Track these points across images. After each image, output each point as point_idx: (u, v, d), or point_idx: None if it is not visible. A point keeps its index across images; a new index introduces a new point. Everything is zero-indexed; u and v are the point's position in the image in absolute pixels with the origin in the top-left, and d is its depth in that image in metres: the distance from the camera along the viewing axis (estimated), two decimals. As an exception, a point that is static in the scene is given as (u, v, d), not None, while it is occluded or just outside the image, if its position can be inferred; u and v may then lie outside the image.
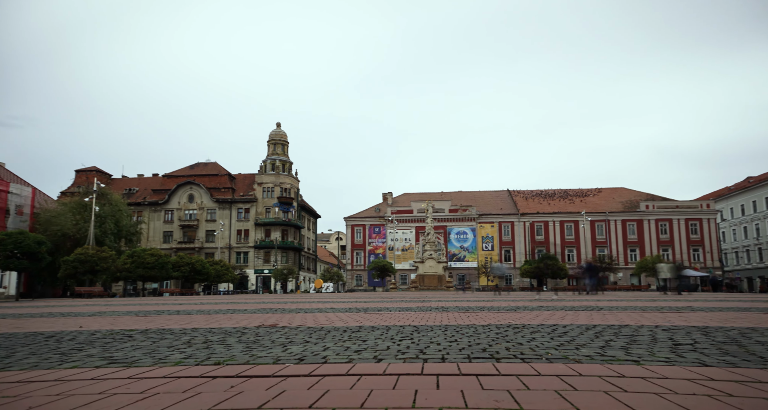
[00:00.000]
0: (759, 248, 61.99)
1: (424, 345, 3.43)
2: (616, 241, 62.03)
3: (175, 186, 65.32)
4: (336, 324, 5.47)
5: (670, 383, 1.99)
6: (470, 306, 9.84)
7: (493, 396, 1.79)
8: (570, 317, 6.34)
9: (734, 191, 66.87)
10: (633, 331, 4.34)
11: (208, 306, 11.87)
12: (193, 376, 2.31)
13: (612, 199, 66.13)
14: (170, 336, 4.41)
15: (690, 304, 10.75)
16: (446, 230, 66.28)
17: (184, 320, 6.69)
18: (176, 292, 47.71)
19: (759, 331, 4.34)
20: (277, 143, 67.02)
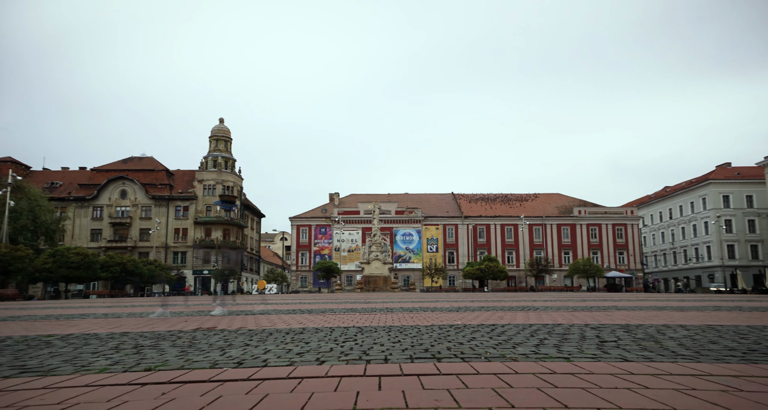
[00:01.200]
0: (674, 252, 67.91)
1: (368, 346, 3.43)
2: (552, 244, 65.48)
3: (106, 181, 61.09)
4: (279, 326, 5.35)
5: (596, 378, 2.12)
6: (414, 307, 9.99)
7: (433, 396, 1.82)
8: (508, 317, 6.60)
9: (654, 199, 72.85)
10: (565, 330, 4.59)
11: (141, 309, 11.19)
12: (120, 384, 2.16)
13: (548, 204, 69.76)
14: (95, 341, 4.10)
15: (615, 304, 11.54)
16: (392, 232, 66.92)
17: (113, 324, 6.26)
18: (105, 294, 44.59)
19: (672, 328, 4.74)
20: (220, 139, 64.52)
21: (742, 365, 2.48)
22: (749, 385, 1.97)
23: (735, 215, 59.61)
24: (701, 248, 62.10)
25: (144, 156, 67.35)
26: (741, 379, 2.09)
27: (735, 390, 1.87)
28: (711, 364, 2.50)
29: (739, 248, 59.06)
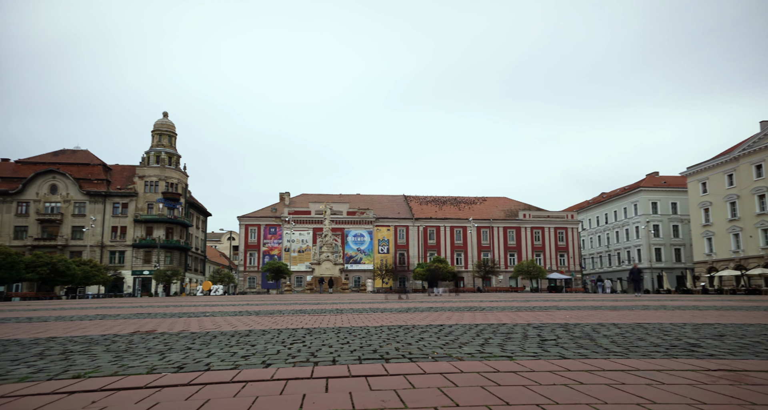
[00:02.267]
0: (608, 254, 72.39)
1: (316, 347, 3.39)
2: (498, 246, 67.79)
3: (33, 174, 56.46)
4: (224, 329, 5.17)
5: (536, 375, 2.21)
6: (364, 308, 9.99)
7: (380, 397, 1.83)
8: (456, 317, 6.76)
9: (592, 205, 77.30)
10: (509, 329, 4.76)
11: (72, 312, 10.43)
12: (43, 393, 2.00)
13: (495, 207, 72.17)
14: (16, 347, 3.78)
15: (556, 304, 12.11)
16: (344, 233, 66.64)
17: (38, 328, 5.79)
18: (30, 296, 41.16)
19: (606, 326, 5.04)
20: (164, 133, 61.44)
21: (665, 360, 2.68)
22: (670, 378, 2.13)
23: (662, 221, 64.41)
24: (633, 251, 66.57)
25: (78, 149, 62.91)
26: (663, 373, 2.26)
27: (658, 384, 2.01)
28: (639, 360, 2.68)
29: (665, 252, 63.86)
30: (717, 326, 5.11)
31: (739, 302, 14.26)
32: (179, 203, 60.64)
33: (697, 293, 41.44)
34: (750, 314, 7.51)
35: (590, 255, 77.25)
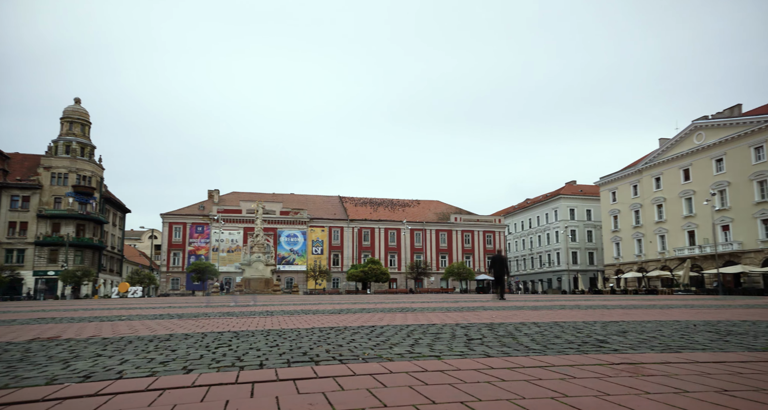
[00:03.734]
0: (532, 257, 77.08)
1: (243, 351, 3.27)
2: (431, 248, 69.66)
3: None
4: (141, 333, 4.82)
5: (462, 374, 2.29)
6: (296, 310, 9.80)
7: (308, 400, 1.79)
8: (388, 318, 6.83)
9: (518, 210, 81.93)
10: (438, 329, 4.89)
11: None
12: None
13: (428, 210, 74.14)
14: None
15: (483, 304, 12.66)
16: (276, 233, 65.05)
17: None
18: None
19: (527, 325, 5.35)
20: (75, 121, 56.12)
21: (577, 355, 2.90)
22: (581, 373, 2.30)
23: (578, 226, 69.72)
24: (552, 254, 71.40)
25: (-32, 133, 55.83)
26: (575, 368, 2.44)
27: (570, 378, 2.17)
28: (555, 356, 2.87)
29: (580, 255, 69.17)
30: (621, 323, 5.61)
31: (640, 301, 15.78)
32: (93, 198, 55.79)
33: (606, 294, 45.31)
34: (647, 312, 8.33)
35: (515, 258, 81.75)
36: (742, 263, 42.15)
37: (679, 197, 49.57)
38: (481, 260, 70.57)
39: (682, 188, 49.41)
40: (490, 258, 20.08)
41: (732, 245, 43.42)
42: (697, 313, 7.89)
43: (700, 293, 39.14)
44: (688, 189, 48.58)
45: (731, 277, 42.75)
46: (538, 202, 75.64)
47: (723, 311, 8.68)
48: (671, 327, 5.11)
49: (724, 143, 45.08)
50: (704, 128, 47.42)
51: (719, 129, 45.85)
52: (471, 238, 71.25)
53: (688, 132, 49.06)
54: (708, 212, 45.12)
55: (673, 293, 40.75)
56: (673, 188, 50.48)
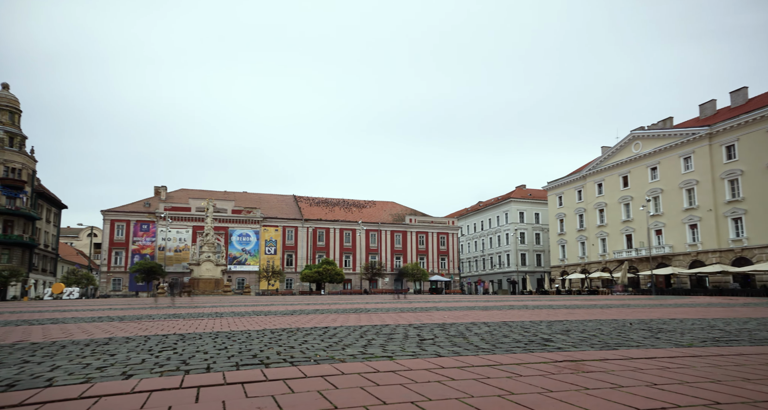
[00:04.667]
0: (483, 259, 79.28)
1: (189, 354, 3.14)
2: (385, 249, 70.01)
3: None
4: (76, 337, 4.52)
5: (413, 373, 2.32)
6: (247, 311, 9.55)
7: (256, 403, 1.75)
8: (341, 319, 6.80)
9: (470, 212, 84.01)
10: (391, 330, 4.92)
11: None
12: None
13: (384, 211, 74.51)
14: None
15: (436, 305, 12.87)
16: (228, 232, 63.14)
17: None
18: None
19: (477, 325, 5.49)
20: (3, 109, 51.88)
21: (523, 354, 3.01)
22: (527, 371, 2.39)
23: (527, 229, 72.46)
24: (503, 256, 73.77)
25: None
26: (521, 366, 2.53)
27: (517, 376, 2.25)
28: (503, 355, 2.97)
29: (529, 257, 71.90)
30: (565, 322, 5.88)
31: (582, 301, 16.62)
32: (24, 192, 51.77)
33: (552, 294, 47.37)
34: (589, 311, 8.78)
35: (467, 259, 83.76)
36: (672, 265, 45.36)
37: (619, 203, 52.67)
38: (435, 260, 71.75)
39: (621, 194, 52.52)
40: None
41: (664, 248, 46.63)
42: (633, 312, 8.42)
43: (635, 293, 41.79)
44: (627, 195, 51.71)
45: (663, 278, 45.91)
46: (490, 205, 77.93)
47: (655, 310, 9.30)
48: (610, 325, 5.41)
49: (657, 152, 48.37)
50: (641, 138, 50.68)
51: (654, 139, 49.16)
52: (425, 239, 72.28)
53: (627, 141, 52.25)
54: (644, 217, 48.25)
55: (612, 293, 43.25)
56: (614, 194, 53.57)
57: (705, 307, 10.57)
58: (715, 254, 42.15)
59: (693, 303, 13.44)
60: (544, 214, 71.57)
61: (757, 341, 3.83)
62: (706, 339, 3.91)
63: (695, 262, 43.87)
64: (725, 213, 41.64)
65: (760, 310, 9.20)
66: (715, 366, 2.54)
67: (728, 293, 35.16)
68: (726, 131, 42.05)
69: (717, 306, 11.05)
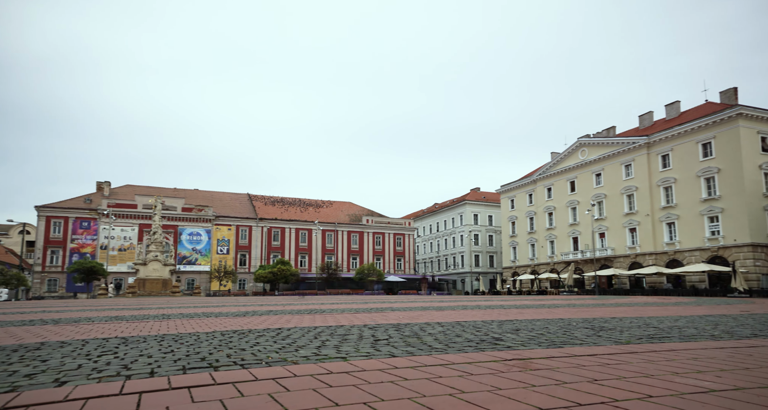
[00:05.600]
0: (438, 259, 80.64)
1: (132, 359, 2.98)
2: (342, 249, 69.71)
3: None
4: (3, 342, 4.18)
5: (367, 374, 2.32)
6: (197, 313, 9.21)
7: (203, 408, 1.69)
8: (295, 320, 6.69)
9: (427, 214, 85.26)
10: (346, 331, 4.90)
11: None
12: None
13: (341, 211, 74.20)
14: None
15: (391, 305, 12.95)
16: (177, 230, 60.69)
17: None
18: None
19: (431, 325, 5.57)
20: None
21: (475, 353, 3.08)
22: (478, 369, 2.45)
23: (481, 231, 74.42)
24: (457, 257, 75.35)
25: None
26: (473, 365, 2.59)
27: (468, 375, 2.30)
28: (455, 354, 3.02)
29: (482, 258, 73.86)
30: (515, 322, 6.09)
31: (532, 301, 17.26)
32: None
33: (504, 294, 48.91)
34: (538, 311, 9.13)
35: (423, 260, 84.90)
36: (614, 266, 48.06)
37: (567, 207, 55.18)
38: (391, 261, 72.20)
39: (568, 199, 55.05)
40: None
41: (607, 250, 49.32)
42: (577, 312, 8.84)
43: (581, 294, 43.92)
44: (574, 199, 54.27)
45: (605, 279, 48.54)
46: (446, 207, 79.42)
47: (597, 309, 9.81)
48: (556, 324, 5.65)
49: (602, 159, 51.12)
50: (587, 145, 53.37)
51: (598, 147, 51.92)
52: (382, 240, 72.60)
53: (574, 148, 54.87)
54: (589, 221, 50.82)
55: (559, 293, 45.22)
56: (562, 198, 56.07)
57: (642, 306, 11.26)
58: (652, 257, 45.03)
59: (631, 303, 14.29)
60: (497, 217, 73.77)
61: (685, 337, 4.12)
62: (642, 337, 4.17)
63: (634, 264, 46.67)
64: (660, 218, 44.60)
65: (689, 309, 9.92)
66: (649, 361, 2.71)
67: (662, 293, 37.69)
68: (661, 142, 45.08)
69: (652, 305, 11.81)
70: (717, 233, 39.80)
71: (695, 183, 41.71)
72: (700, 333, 4.49)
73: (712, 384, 2.07)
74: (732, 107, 39.47)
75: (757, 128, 39.36)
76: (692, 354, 3.03)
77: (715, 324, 5.74)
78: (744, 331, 4.77)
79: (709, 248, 40.20)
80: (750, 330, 4.86)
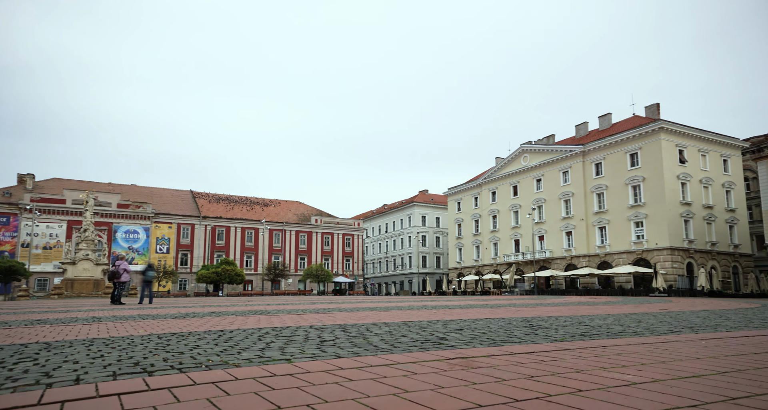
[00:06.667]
0: (387, 260, 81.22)
1: (54, 365, 2.76)
2: (290, 249, 68.45)
3: None
4: None
5: (311, 376, 2.29)
6: (131, 315, 8.68)
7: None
8: (239, 321, 6.49)
9: (376, 215, 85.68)
10: (292, 332, 4.81)
11: None
12: None
13: (289, 211, 72.89)
14: None
15: (339, 306, 12.88)
16: (112, 228, 57.08)
17: None
18: None
19: (378, 325, 5.60)
20: None
21: (420, 352, 3.13)
22: (422, 369, 2.49)
23: (428, 233, 75.81)
24: (405, 258, 76.25)
25: None
26: (417, 364, 2.63)
27: (412, 374, 2.33)
28: (400, 354, 3.06)
29: (429, 259, 75.23)
30: (459, 321, 6.25)
31: (476, 301, 17.81)
32: None
33: (449, 295, 50.09)
34: (481, 311, 9.44)
35: (372, 261, 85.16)
36: (551, 268, 50.64)
37: (509, 210, 57.48)
38: (340, 262, 71.81)
39: (511, 202, 57.38)
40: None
41: (545, 252, 51.89)
42: (517, 311, 9.22)
43: (521, 294, 45.87)
44: (516, 203, 56.63)
45: (544, 279, 51.04)
46: (395, 208, 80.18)
47: (536, 309, 10.29)
48: (497, 323, 5.87)
49: (542, 165, 53.77)
50: (529, 152, 55.93)
51: (539, 154, 54.57)
52: (331, 240, 72.05)
53: (517, 154, 57.32)
54: (530, 224, 53.23)
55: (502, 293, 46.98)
56: (505, 202, 58.33)
57: (575, 306, 11.95)
58: (585, 259, 47.89)
59: (566, 302, 15.12)
60: (445, 218, 75.46)
61: (612, 334, 4.42)
62: (574, 334, 4.42)
63: (569, 265, 49.42)
64: (593, 222, 47.56)
65: (617, 307, 10.65)
66: (580, 357, 2.88)
67: (594, 293, 40.22)
68: (595, 151, 48.11)
69: (585, 305, 12.56)
70: (642, 237, 43.00)
71: (624, 190, 44.85)
72: (625, 330, 4.84)
73: (633, 377, 2.23)
74: (655, 121, 42.87)
75: (676, 141, 42.99)
76: (618, 349, 3.26)
77: (638, 321, 6.20)
78: (662, 328, 5.19)
79: (634, 251, 43.34)
80: (667, 327, 5.30)
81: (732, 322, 6.14)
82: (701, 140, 44.23)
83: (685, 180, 42.55)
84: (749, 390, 1.97)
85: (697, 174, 43.35)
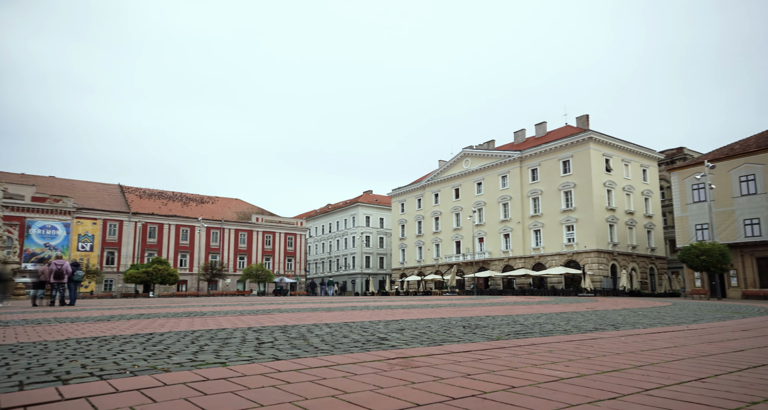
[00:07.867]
0: (330, 260, 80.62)
1: (-50, 377, 2.45)
2: (228, 248, 65.99)
3: None
4: None
5: (247, 379, 2.20)
6: (46, 318, 7.96)
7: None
8: (171, 324, 6.15)
9: (319, 214, 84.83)
10: (228, 334, 4.63)
11: None
12: None
13: (228, 209, 70.29)
14: None
15: (279, 307, 12.58)
16: (25, 223, 52.19)
17: None
18: None
19: (319, 327, 5.53)
20: None
21: (360, 353, 3.11)
22: (362, 369, 2.48)
23: (372, 233, 76.15)
24: (349, 258, 76.07)
25: None
26: (357, 365, 2.62)
27: (352, 375, 2.31)
28: (341, 355, 3.03)
29: (373, 260, 75.55)
30: (401, 321, 6.32)
31: (418, 301, 18.12)
32: None
33: (392, 295, 50.55)
34: (422, 311, 9.61)
35: (315, 261, 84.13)
36: (490, 269, 52.67)
37: (451, 212, 59.10)
38: (281, 262, 70.25)
39: (453, 205, 59.03)
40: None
41: (485, 254, 53.87)
42: (457, 311, 9.48)
43: (461, 294, 47.29)
44: (458, 206, 58.34)
45: (483, 280, 52.96)
46: (339, 208, 79.79)
47: (475, 308, 10.64)
48: (438, 323, 5.99)
49: (483, 170, 55.84)
50: (470, 156, 57.87)
51: (480, 158, 56.64)
52: (272, 239, 70.32)
53: (459, 158, 59.11)
54: (470, 226, 55.04)
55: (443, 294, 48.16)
56: (447, 204, 59.92)
57: (511, 305, 12.49)
58: (521, 260, 50.27)
59: (503, 302, 15.77)
60: (388, 219, 76.15)
61: (544, 332, 4.66)
62: (510, 333, 4.61)
63: (507, 266, 51.65)
64: (529, 225, 50.05)
65: (549, 307, 11.26)
66: (514, 355, 3.00)
67: (529, 293, 42.30)
68: (531, 157, 50.71)
69: (520, 304, 13.17)
70: (572, 240, 45.85)
71: (557, 196, 47.60)
72: (555, 329, 5.12)
73: (561, 372, 2.36)
74: (585, 131, 45.94)
75: (603, 150, 46.32)
76: (549, 347, 3.43)
77: (567, 319, 6.58)
78: (588, 325, 5.55)
79: (566, 254, 46.13)
80: (593, 325, 5.67)
81: (648, 319, 6.69)
82: (624, 150, 47.94)
83: (611, 187, 45.91)
84: (660, 381, 2.14)
85: (620, 182, 46.91)
